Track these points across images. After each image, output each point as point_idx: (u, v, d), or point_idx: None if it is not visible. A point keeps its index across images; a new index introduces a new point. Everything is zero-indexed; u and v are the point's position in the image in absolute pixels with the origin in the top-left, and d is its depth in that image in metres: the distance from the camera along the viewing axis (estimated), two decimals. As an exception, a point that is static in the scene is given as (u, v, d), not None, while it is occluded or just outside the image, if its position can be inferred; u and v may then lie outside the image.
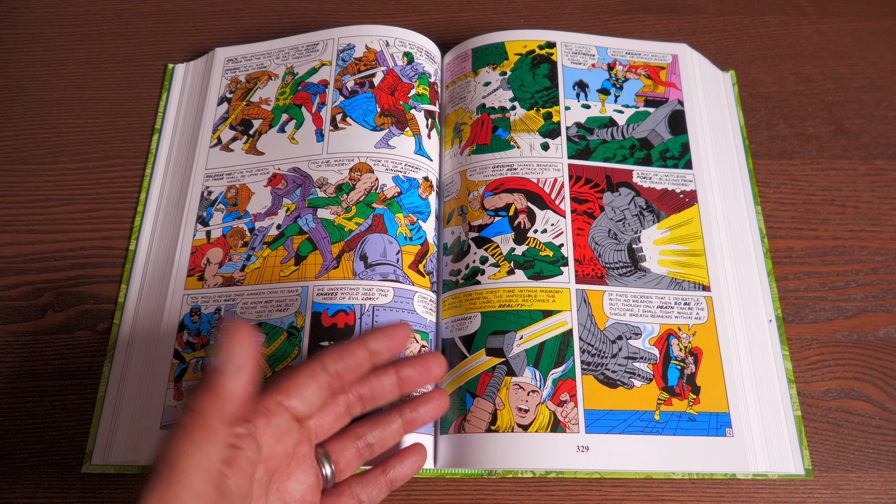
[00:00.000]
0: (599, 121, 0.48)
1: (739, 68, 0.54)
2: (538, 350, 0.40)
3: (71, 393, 0.42)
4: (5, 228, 0.47)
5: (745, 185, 0.49)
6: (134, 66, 0.54)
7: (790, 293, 0.46)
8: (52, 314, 0.45)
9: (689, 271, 0.44)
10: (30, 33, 0.55)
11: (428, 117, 0.48)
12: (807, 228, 0.48)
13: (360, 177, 0.45)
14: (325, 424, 0.32)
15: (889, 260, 0.47)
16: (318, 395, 0.31)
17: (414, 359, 0.35)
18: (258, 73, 0.51)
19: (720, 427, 0.40)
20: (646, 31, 0.56)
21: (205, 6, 0.57)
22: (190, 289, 0.44)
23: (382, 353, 0.32)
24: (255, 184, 0.46)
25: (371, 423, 0.34)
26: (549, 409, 0.39)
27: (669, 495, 0.40)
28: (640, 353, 0.41)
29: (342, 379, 0.31)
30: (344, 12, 0.57)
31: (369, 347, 0.32)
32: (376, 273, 0.42)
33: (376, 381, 0.33)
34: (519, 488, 0.40)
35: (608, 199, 0.46)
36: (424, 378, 0.34)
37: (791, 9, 0.57)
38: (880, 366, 0.44)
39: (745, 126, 0.52)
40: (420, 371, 0.34)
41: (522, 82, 0.49)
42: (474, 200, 0.45)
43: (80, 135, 0.51)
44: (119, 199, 0.49)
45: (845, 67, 0.54)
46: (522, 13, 0.57)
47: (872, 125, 0.52)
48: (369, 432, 0.34)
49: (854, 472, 0.41)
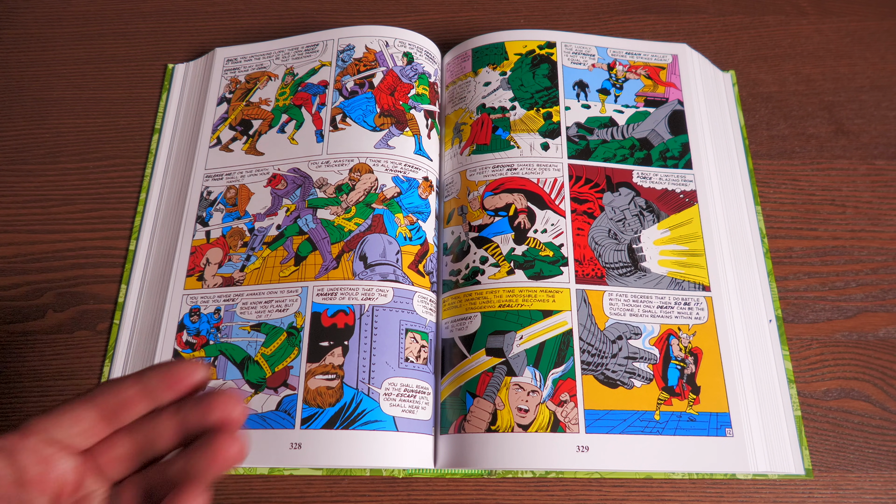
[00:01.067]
0: (599, 121, 0.48)
1: (739, 68, 0.54)
2: (538, 350, 0.40)
3: (71, 393, 0.42)
4: (5, 228, 0.47)
5: (745, 185, 0.49)
6: (134, 66, 0.54)
7: (790, 293, 0.46)
8: (52, 314, 0.45)
9: (689, 271, 0.44)
10: (30, 33, 0.55)
11: (428, 117, 0.48)
12: (807, 228, 0.48)
13: (359, 177, 0.45)
14: (108, 465, 0.30)
15: (889, 260, 0.47)
16: (81, 425, 0.29)
17: (197, 397, 0.29)
18: (258, 74, 0.51)
19: (720, 427, 0.40)
20: (646, 31, 0.56)
21: (205, 6, 0.57)
22: (189, 289, 0.44)
23: (160, 391, 0.29)
24: (254, 184, 0.46)
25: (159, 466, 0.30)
26: (549, 409, 0.39)
27: (669, 495, 0.40)
28: (640, 353, 0.41)
29: (116, 415, 0.29)
30: (344, 12, 0.57)
31: (143, 383, 0.29)
32: (376, 273, 0.42)
33: (152, 423, 0.29)
34: (519, 488, 0.40)
35: (608, 199, 0.46)
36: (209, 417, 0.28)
37: (791, 9, 0.57)
38: (880, 366, 0.44)
39: (745, 126, 0.52)
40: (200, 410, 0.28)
41: (522, 82, 0.49)
42: (474, 200, 0.45)
43: (80, 135, 0.51)
44: (119, 199, 0.49)
45: (845, 67, 0.54)
46: (522, 13, 0.57)
47: (872, 125, 0.52)
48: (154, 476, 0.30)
49: (854, 472, 0.41)
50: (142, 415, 0.29)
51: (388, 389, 0.39)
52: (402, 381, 0.40)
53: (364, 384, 0.39)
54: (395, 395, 0.39)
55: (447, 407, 0.41)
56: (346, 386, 0.39)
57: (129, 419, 0.29)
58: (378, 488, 0.40)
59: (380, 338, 0.40)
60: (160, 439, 0.29)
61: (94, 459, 0.30)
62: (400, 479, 0.40)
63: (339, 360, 0.40)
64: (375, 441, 0.38)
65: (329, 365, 0.40)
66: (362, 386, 0.39)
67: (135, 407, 0.29)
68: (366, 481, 0.40)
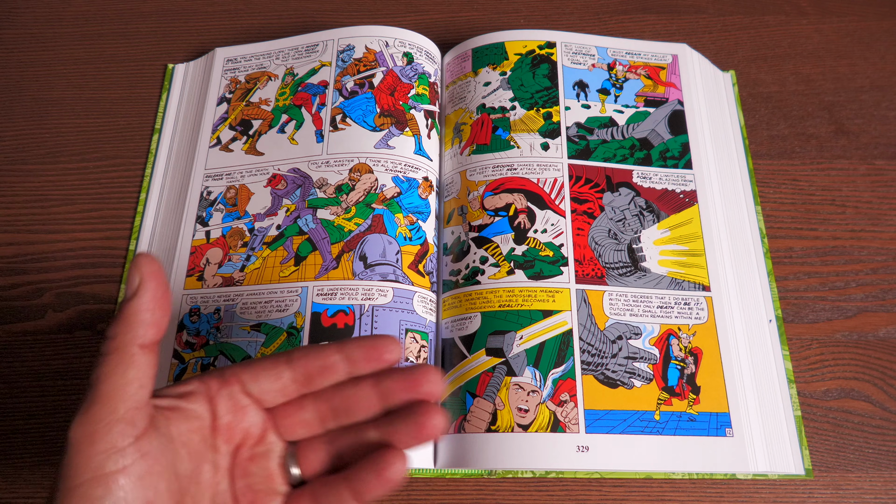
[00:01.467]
0: (599, 121, 0.48)
1: (739, 68, 0.54)
2: (538, 350, 0.40)
3: (71, 393, 0.42)
4: (5, 228, 0.47)
5: (745, 185, 0.49)
6: (134, 66, 0.54)
7: (790, 293, 0.46)
8: (52, 314, 0.45)
9: (689, 271, 0.44)
10: (30, 33, 0.55)
11: (428, 117, 0.48)
12: (807, 228, 0.48)
13: (359, 177, 0.45)
14: (291, 426, 0.30)
15: (889, 260, 0.47)
16: (274, 383, 0.29)
17: (400, 369, 0.30)
18: (258, 74, 0.51)
19: (720, 427, 0.40)
20: (646, 31, 0.56)
21: (205, 6, 0.57)
22: (189, 289, 0.44)
23: (360, 362, 0.29)
24: (254, 184, 0.46)
25: (346, 429, 0.30)
26: (549, 409, 0.39)
27: (669, 495, 0.40)
28: (640, 353, 0.41)
29: (311, 379, 0.30)
30: (344, 12, 0.57)
31: (346, 353, 0.29)
32: (376, 273, 0.42)
33: (351, 391, 0.30)
34: (519, 488, 0.40)
35: (608, 199, 0.46)
36: (411, 392, 0.29)
37: (791, 9, 0.57)
38: (880, 366, 0.44)
39: (745, 126, 0.52)
40: (405, 384, 0.29)
41: (522, 82, 0.49)
42: (474, 200, 0.45)
43: (80, 135, 0.51)
44: (119, 199, 0.49)
45: (845, 67, 0.54)
46: (522, 13, 0.57)
47: (872, 125, 0.52)
48: (341, 439, 0.30)
49: (854, 472, 0.41)
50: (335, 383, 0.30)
51: (388, 389, 0.39)
52: (402, 381, 0.40)
53: (364, 384, 0.39)
54: (395, 395, 0.39)
55: (447, 407, 0.41)
56: (346, 386, 0.39)
57: (322, 385, 0.30)
58: (378, 488, 0.40)
59: (380, 338, 0.40)
60: (358, 408, 0.30)
61: (278, 418, 0.31)
62: (400, 479, 0.40)
63: (339, 360, 0.40)
64: (375, 441, 0.38)
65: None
66: (362, 386, 0.39)
67: (334, 374, 0.30)
68: (366, 481, 0.40)
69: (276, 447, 0.31)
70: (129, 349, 0.26)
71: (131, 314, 0.27)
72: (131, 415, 0.25)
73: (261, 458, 0.30)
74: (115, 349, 0.26)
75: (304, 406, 0.30)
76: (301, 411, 0.30)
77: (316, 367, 0.29)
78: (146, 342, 0.27)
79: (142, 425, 0.25)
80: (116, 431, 0.24)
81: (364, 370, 0.30)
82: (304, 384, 0.30)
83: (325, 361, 0.29)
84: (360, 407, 0.30)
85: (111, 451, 0.24)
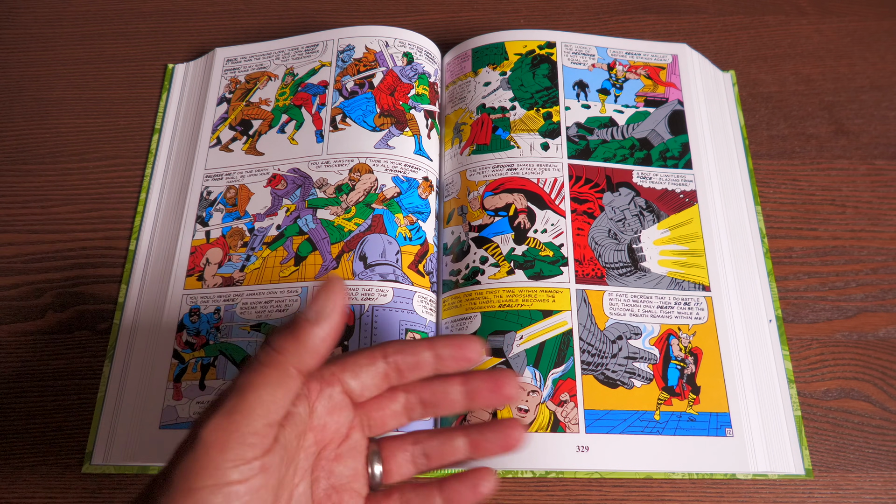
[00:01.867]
0: (599, 121, 0.48)
1: (739, 68, 0.54)
2: (538, 350, 0.40)
3: (71, 393, 0.42)
4: (5, 228, 0.48)
5: (745, 185, 0.49)
6: (134, 66, 0.54)
7: (790, 293, 0.46)
8: (52, 314, 0.45)
9: (689, 271, 0.44)
10: (30, 33, 0.55)
11: (428, 117, 0.48)
12: (807, 228, 0.48)
13: (359, 177, 0.45)
14: (381, 418, 0.31)
15: (889, 260, 0.47)
16: (373, 378, 0.30)
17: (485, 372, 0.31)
18: (258, 74, 0.51)
19: (720, 427, 0.40)
20: (646, 31, 0.56)
21: (205, 6, 0.57)
22: (189, 289, 0.44)
23: (447, 360, 0.30)
24: (254, 184, 0.46)
25: (432, 432, 0.32)
26: (549, 409, 0.39)
27: (669, 495, 0.40)
28: (640, 353, 0.41)
29: (401, 373, 0.30)
30: (344, 12, 0.57)
31: (436, 350, 0.30)
32: (375, 273, 0.42)
33: (440, 386, 0.31)
34: (519, 488, 0.40)
35: (608, 199, 0.46)
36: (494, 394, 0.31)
37: (791, 9, 0.57)
38: (880, 366, 0.44)
39: (745, 126, 0.52)
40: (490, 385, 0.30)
41: (522, 82, 0.49)
42: (474, 200, 0.45)
43: (80, 135, 0.51)
44: (119, 199, 0.49)
45: (845, 67, 0.54)
46: (522, 13, 0.57)
47: (872, 125, 0.52)
48: (427, 441, 0.31)
49: (854, 472, 0.41)
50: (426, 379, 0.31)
51: (388, 389, 0.39)
52: (402, 381, 0.40)
53: (364, 384, 0.39)
54: (395, 395, 0.39)
55: (447, 407, 0.41)
56: (346, 386, 0.39)
57: (410, 379, 0.31)
58: (378, 488, 0.40)
59: (379, 338, 0.40)
60: (445, 403, 0.31)
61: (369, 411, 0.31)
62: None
63: (339, 360, 0.40)
64: (375, 441, 0.38)
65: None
66: (362, 386, 0.39)
67: (424, 369, 0.30)
68: (366, 481, 0.40)
69: (360, 445, 0.31)
70: (289, 369, 0.26)
71: (308, 338, 0.26)
72: (266, 430, 0.25)
73: (346, 458, 0.30)
74: (275, 364, 0.26)
75: (396, 398, 0.31)
76: (392, 403, 0.31)
77: (409, 363, 0.30)
78: (305, 369, 0.26)
79: (270, 440, 0.25)
80: (249, 444, 0.24)
81: (450, 368, 0.31)
82: (393, 379, 0.30)
83: (418, 357, 0.30)
84: (447, 402, 0.31)
85: (239, 462, 0.24)
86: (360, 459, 0.30)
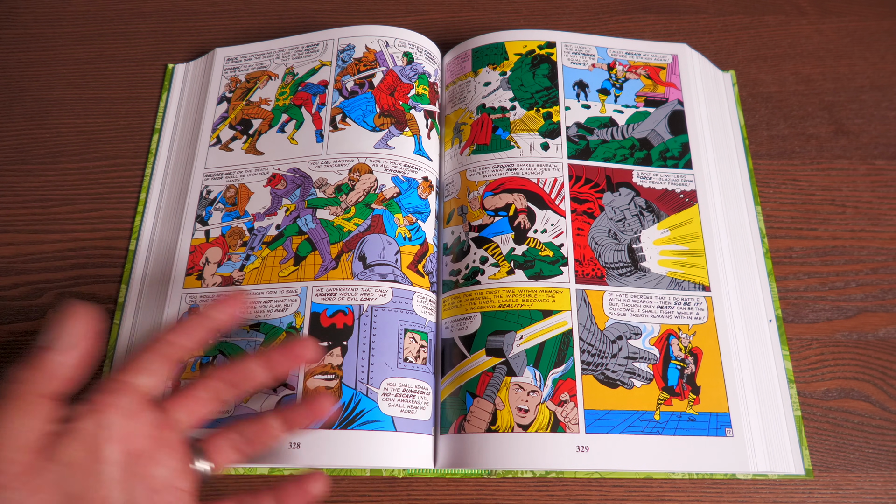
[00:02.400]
0: (599, 121, 0.48)
1: (739, 68, 0.54)
2: (538, 350, 0.40)
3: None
4: (5, 228, 0.47)
5: (745, 185, 0.49)
6: (134, 66, 0.54)
7: (790, 293, 0.46)
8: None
9: (689, 271, 0.44)
10: (30, 33, 0.55)
11: (428, 117, 0.48)
12: (807, 228, 0.48)
13: (359, 177, 0.45)
14: (190, 409, 0.32)
15: (889, 260, 0.47)
16: (162, 366, 0.31)
17: (282, 343, 0.35)
18: (258, 73, 0.51)
19: (720, 427, 0.40)
20: (646, 31, 0.56)
21: (205, 6, 0.57)
22: (188, 288, 0.44)
23: (220, 318, 0.33)
24: (254, 184, 0.46)
25: (249, 419, 0.34)
26: (549, 409, 0.39)
27: (669, 495, 0.40)
28: (640, 353, 0.41)
29: (189, 351, 0.32)
30: (344, 12, 0.57)
31: (209, 316, 0.33)
32: (375, 273, 0.42)
33: (241, 364, 0.33)
34: (519, 488, 0.40)
35: (608, 199, 0.46)
36: (291, 360, 0.34)
37: (791, 9, 0.57)
38: (880, 366, 0.44)
39: (745, 126, 0.52)
40: (286, 354, 0.33)
41: (522, 82, 0.49)
42: (474, 200, 0.45)
43: (80, 135, 0.51)
44: (119, 199, 0.49)
45: (845, 67, 0.54)
46: (522, 13, 0.57)
47: (872, 125, 0.52)
48: (246, 427, 0.33)
49: (854, 472, 0.41)
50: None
51: (387, 389, 0.39)
52: (400, 381, 0.40)
53: (363, 384, 0.39)
54: (393, 395, 0.39)
55: (447, 407, 0.41)
56: (345, 386, 0.39)
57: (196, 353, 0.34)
58: (378, 488, 0.40)
59: (379, 338, 0.40)
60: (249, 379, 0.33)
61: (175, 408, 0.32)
62: (400, 479, 0.40)
63: (337, 360, 0.40)
64: (374, 441, 0.38)
65: (328, 365, 0.40)
66: (361, 386, 0.39)
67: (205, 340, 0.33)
68: (366, 481, 0.40)
69: (176, 443, 0.31)
70: (34, 399, 0.26)
71: (47, 366, 0.27)
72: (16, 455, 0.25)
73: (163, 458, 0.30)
74: (17, 395, 0.26)
75: (202, 386, 0.33)
76: (198, 391, 0.32)
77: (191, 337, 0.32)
78: (57, 395, 0.27)
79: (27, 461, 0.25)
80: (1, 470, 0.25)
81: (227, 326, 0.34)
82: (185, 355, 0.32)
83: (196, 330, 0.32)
84: (251, 377, 0.33)
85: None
86: (176, 455, 0.31)
